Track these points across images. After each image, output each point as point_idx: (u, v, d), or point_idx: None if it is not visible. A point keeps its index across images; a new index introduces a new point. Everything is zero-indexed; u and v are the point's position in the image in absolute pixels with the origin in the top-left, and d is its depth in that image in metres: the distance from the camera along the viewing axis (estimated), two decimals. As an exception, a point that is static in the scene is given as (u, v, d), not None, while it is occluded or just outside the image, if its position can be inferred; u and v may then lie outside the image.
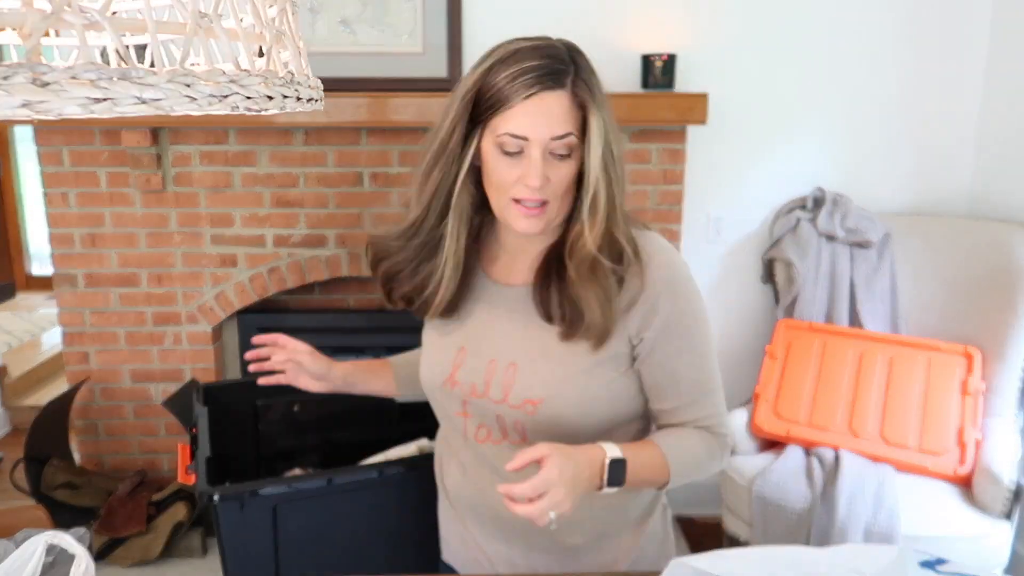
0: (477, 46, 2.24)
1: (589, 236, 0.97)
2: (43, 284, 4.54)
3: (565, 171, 0.96)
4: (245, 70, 0.43)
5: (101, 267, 2.31)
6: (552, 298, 1.01)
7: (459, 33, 2.22)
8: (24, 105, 0.34)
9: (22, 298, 4.41)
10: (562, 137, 0.93)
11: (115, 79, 0.36)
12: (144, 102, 0.37)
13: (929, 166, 2.36)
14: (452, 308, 1.07)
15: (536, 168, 0.93)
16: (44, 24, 0.34)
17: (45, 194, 2.27)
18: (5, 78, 0.33)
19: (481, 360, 1.06)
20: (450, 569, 1.20)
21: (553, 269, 1.02)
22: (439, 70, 2.23)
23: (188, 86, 0.39)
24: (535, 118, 0.92)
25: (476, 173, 1.01)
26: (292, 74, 0.46)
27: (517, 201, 0.96)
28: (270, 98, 0.43)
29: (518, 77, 0.92)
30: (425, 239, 1.05)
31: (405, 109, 2.11)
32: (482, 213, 1.07)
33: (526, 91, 0.92)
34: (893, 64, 2.30)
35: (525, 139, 0.93)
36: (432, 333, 1.13)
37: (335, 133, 2.24)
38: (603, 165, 0.95)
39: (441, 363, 1.09)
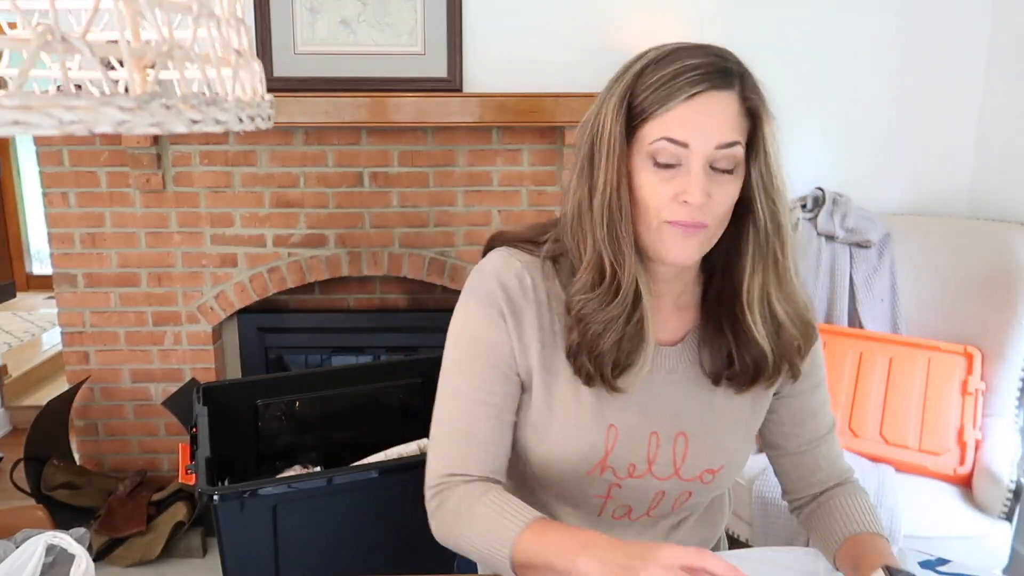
0: (477, 46, 2.24)
1: (766, 276, 0.86)
2: (43, 284, 4.54)
3: (729, 190, 0.82)
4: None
5: (101, 267, 2.31)
6: (721, 352, 0.90)
7: (459, 33, 2.22)
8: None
9: (22, 298, 4.41)
10: (729, 146, 0.80)
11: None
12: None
13: (929, 166, 2.36)
14: (619, 383, 0.88)
15: (699, 182, 0.79)
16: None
17: (45, 194, 2.27)
18: None
19: (639, 437, 0.91)
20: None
21: (722, 317, 0.89)
22: (439, 70, 2.23)
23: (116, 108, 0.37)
24: (700, 120, 0.79)
25: None
26: (214, 94, 0.44)
27: (670, 224, 0.81)
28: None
29: (682, 74, 0.79)
30: (614, 281, 0.85)
31: (405, 109, 2.11)
32: None
33: (691, 89, 0.78)
34: (893, 64, 2.30)
35: (685, 146, 0.79)
36: (561, 410, 0.90)
37: (335, 133, 2.24)
38: (781, 179, 0.84)
39: (587, 448, 0.90)
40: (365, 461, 1.69)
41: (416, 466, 1.49)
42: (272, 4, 2.18)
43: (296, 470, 1.81)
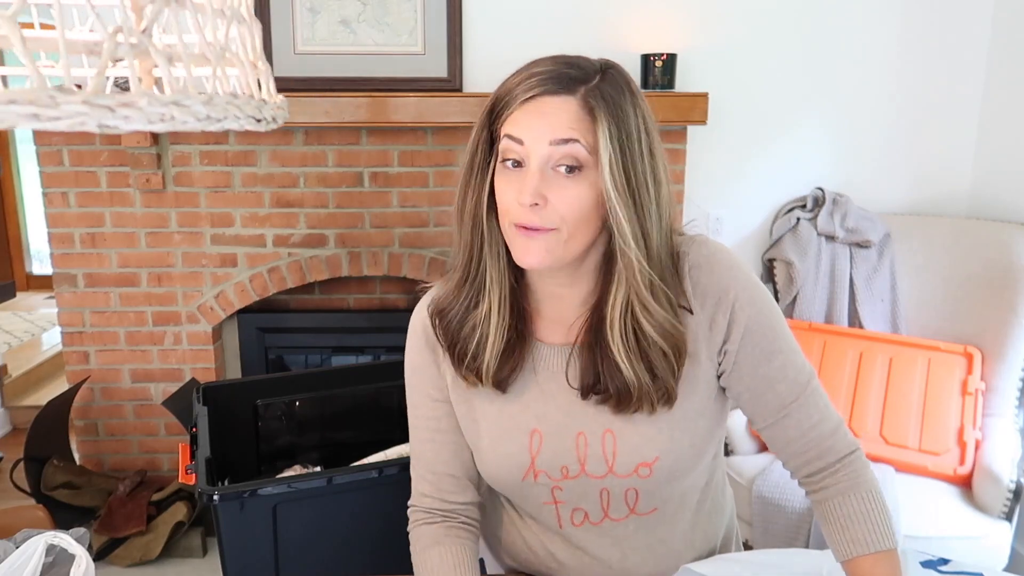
0: (477, 46, 2.24)
1: (628, 287, 0.83)
2: (43, 284, 4.54)
3: (571, 192, 0.80)
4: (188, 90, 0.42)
5: (101, 267, 2.31)
6: (590, 368, 0.88)
7: (459, 33, 2.22)
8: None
9: (22, 298, 4.41)
10: (564, 142, 0.79)
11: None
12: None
13: (929, 166, 2.36)
14: (502, 379, 0.91)
15: (530, 180, 0.80)
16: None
17: (45, 194, 2.27)
18: None
19: (565, 438, 0.91)
20: None
21: (594, 332, 0.88)
22: (439, 70, 2.23)
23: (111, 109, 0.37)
24: (534, 119, 0.80)
25: None
26: (236, 94, 0.45)
27: (520, 228, 0.82)
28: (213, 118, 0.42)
29: (523, 81, 0.82)
30: (475, 283, 0.89)
31: (405, 109, 2.11)
32: None
33: (527, 93, 0.81)
34: (893, 64, 2.30)
35: (521, 142, 0.81)
36: (484, 423, 0.94)
37: (335, 133, 2.24)
38: (624, 182, 0.80)
39: (512, 455, 0.92)
40: (365, 461, 1.69)
41: (416, 466, 1.50)
42: (272, 4, 2.18)
43: (296, 470, 1.81)
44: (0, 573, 0.76)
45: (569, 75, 0.81)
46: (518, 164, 0.82)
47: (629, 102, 0.82)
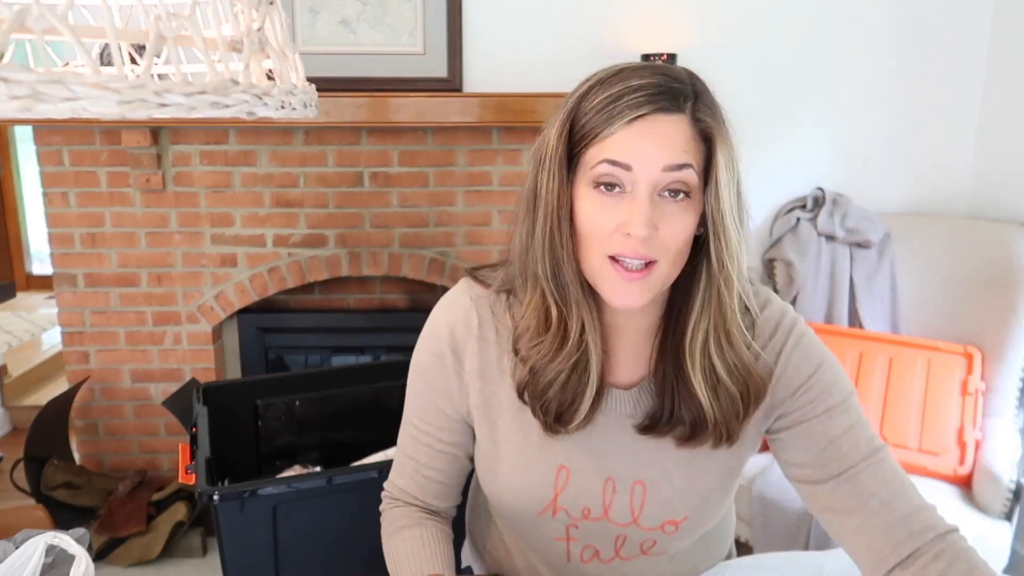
0: (477, 46, 2.24)
1: (710, 322, 0.78)
2: (43, 284, 4.54)
3: (681, 221, 0.73)
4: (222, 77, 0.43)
5: (101, 267, 2.31)
6: (663, 401, 0.82)
7: (459, 33, 2.22)
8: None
9: (22, 298, 4.41)
10: (679, 168, 0.72)
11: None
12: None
13: (929, 166, 2.36)
14: (569, 423, 0.84)
15: (642, 209, 0.71)
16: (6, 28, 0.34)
17: (45, 194, 2.27)
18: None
19: (593, 480, 0.85)
20: None
21: (667, 365, 0.81)
22: (439, 70, 2.23)
23: (157, 93, 0.38)
24: (644, 141, 0.71)
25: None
26: (273, 82, 0.46)
27: (615, 261, 0.74)
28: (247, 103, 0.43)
29: (625, 95, 0.72)
30: (560, 330, 0.80)
31: (405, 109, 2.11)
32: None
33: (634, 112, 0.71)
34: (893, 64, 2.30)
35: (628, 168, 0.72)
36: (507, 448, 0.87)
37: (335, 133, 2.24)
38: (733, 214, 0.74)
39: (535, 488, 0.86)
40: (365, 461, 1.69)
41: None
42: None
43: (296, 470, 1.81)
44: (0, 573, 0.76)
45: (674, 89, 0.74)
46: (612, 187, 0.73)
47: (724, 118, 0.77)
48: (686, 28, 2.25)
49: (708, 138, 0.74)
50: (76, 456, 2.44)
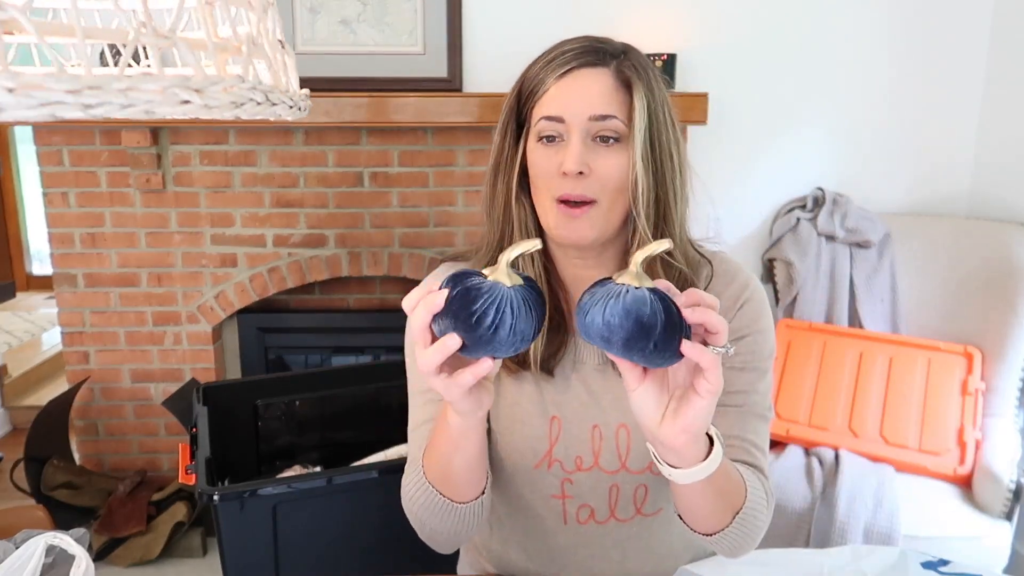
0: (477, 46, 2.24)
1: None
2: (43, 284, 4.54)
3: (614, 161, 0.82)
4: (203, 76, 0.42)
5: (101, 267, 2.31)
6: None
7: (459, 33, 2.22)
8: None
9: (22, 298, 4.41)
10: (603, 118, 0.81)
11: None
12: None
13: (929, 166, 2.36)
14: (551, 365, 0.90)
15: (574, 150, 0.80)
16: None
17: (45, 194, 2.27)
18: None
19: (582, 429, 0.90)
20: None
21: None
22: (439, 70, 2.23)
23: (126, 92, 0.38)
24: (570, 94, 0.82)
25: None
26: (260, 82, 0.46)
27: (562, 203, 0.83)
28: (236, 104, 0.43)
29: (554, 59, 0.84)
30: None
31: (405, 109, 2.11)
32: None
33: (562, 68, 0.82)
34: (893, 64, 2.30)
35: (561, 120, 0.82)
36: (503, 402, 0.92)
37: (335, 133, 2.24)
38: (650, 153, 0.82)
39: (531, 439, 0.91)
40: (365, 461, 1.69)
41: (416, 466, 1.49)
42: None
43: (296, 470, 1.81)
44: (0, 573, 0.76)
45: (600, 48, 0.83)
46: (551, 139, 0.83)
47: (654, 75, 0.85)
48: (686, 28, 2.25)
49: (629, 87, 0.82)
50: (76, 456, 2.44)
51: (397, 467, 1.45)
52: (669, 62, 2.16)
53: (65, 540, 0.79)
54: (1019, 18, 2.18)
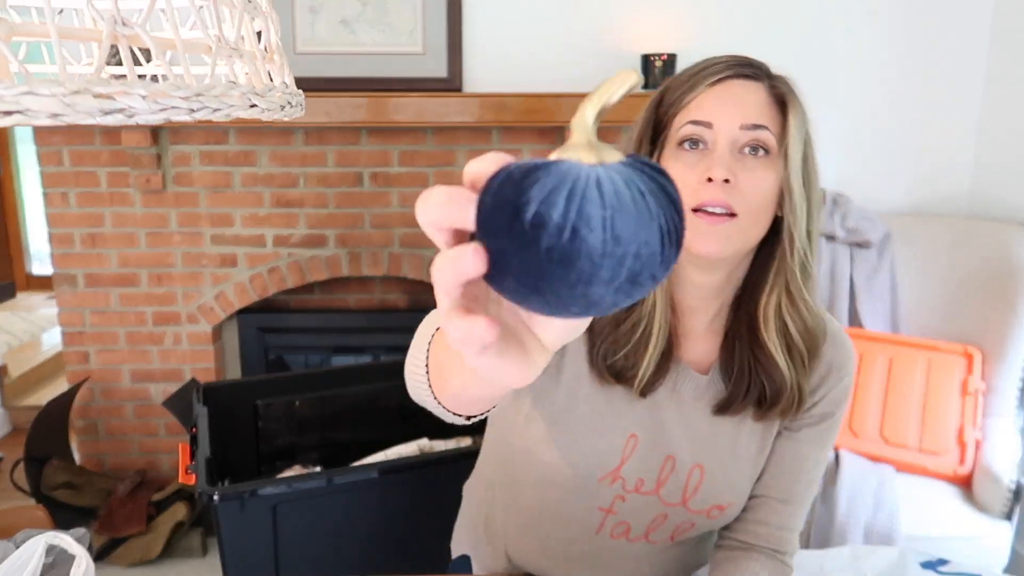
0: (477, 46, 2.24)
1: (781, 288, 0.80)
2: (43, 284, 4.54)
3: (761, 175, 0.77)
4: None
5: (101, 267, 2.31)
6: (742, 377, 0.84)
7: (459, 33, 2.22)
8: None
9: (22, 298, 4.41)
10: (755, 127, 0.78)
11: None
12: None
13: (929, 166, 2.36)
14: (647, 391, 0.86)
15: (723, 156, 0.76)
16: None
17: (45, 194, 2.27)
18: None
19: (655, 454, 0.87)
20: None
21: (740, 337, 0.85)
22: (439, 70, 2.23)
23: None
24: (723, 101, 0.78)
25: None
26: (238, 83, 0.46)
27: (699, 212, 0.77)
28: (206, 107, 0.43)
29: (706, 68, 0.80)
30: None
31: (405, 109, 2.11)
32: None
33: (715, 76, 0.79)
34: (893, 64, 2.30)
35: (709, 125, 0.78)
36: (584, 407, 0.87)
37: (335, 133, 2.24)
38: (804, 177, 0.79)
39: (603, 452, 0.87)
40: (365, 461, 1.69)
41: (416, 466, 1.50)
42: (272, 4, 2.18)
43: (296, 470, 1.81)
44: (0, 573, 0.76)
45: (753, 63, 0.82)
46: (695, 144, 0.79)
47: (799, 93, 0.83)
48: (686, 28, 2.25)
49: (783, 104, 0.80)
50: (76, 456, 2.44)
51: (397, 467, 1.46)
52: (669, 62, 2.16)
53: (65, 540, 0.79)
54: (1019, 18, 2.18)
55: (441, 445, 1.79)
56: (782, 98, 0.80)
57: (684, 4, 2.24)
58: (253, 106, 0.43)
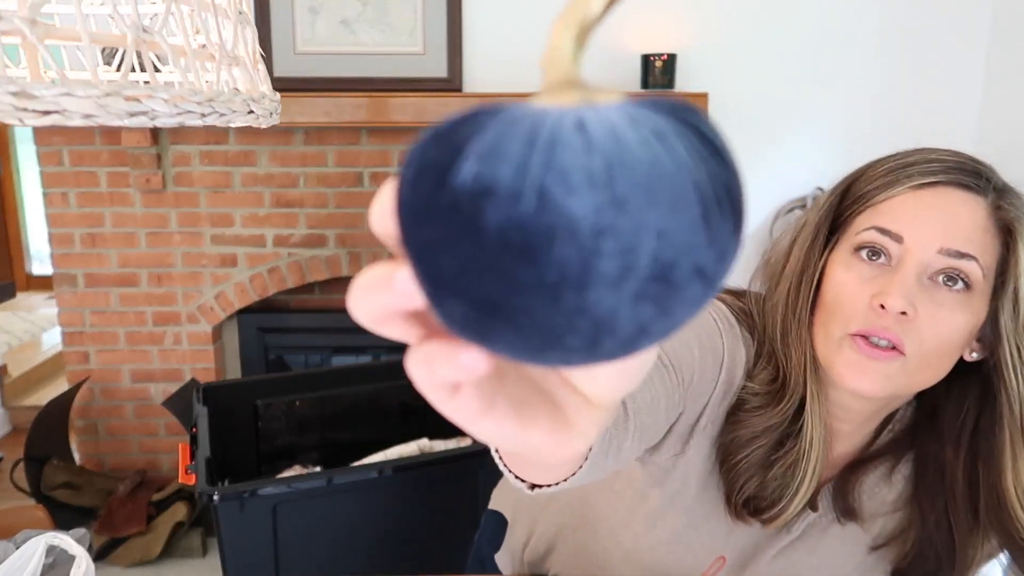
0: (477, 46, 2.24)
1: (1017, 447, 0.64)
2: (43, 284, 4.54)
3: (948, 313, 0.61)
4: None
5: (101, 267, 2.31)
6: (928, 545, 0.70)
7: (459, 33, 2.22)
8: None
9: (22, 298, 4.41)
10: (959, 256, 0.61)
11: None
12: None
13: (929, 166, 2.36)
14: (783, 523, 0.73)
15: (905, 282, 0.61)
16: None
17: (45, 194, 2.27)
18: None
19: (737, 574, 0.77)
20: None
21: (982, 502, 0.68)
22: (439, 70, 2.23)
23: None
24: (925, 213, 0.62)
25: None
26: (237, 90, 0.47)
27: (858, 338, 0.63)
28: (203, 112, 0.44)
29: (914, 164, 0.65)
30: (787, 410, 0.68)
31: (405, 109, 2.11)
32: None
33: (924, 178, 0.63)
34: (893, 63, 2.30)
35: (899, 239, 0.62)
36: (679, 504, 0.74)
37: (335, 133, 2.24)
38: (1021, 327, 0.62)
39: (687, 567, 0.76)
40: (365, 461, 1.69)
41: (416, 466, 1.50)
42: (272, 4, 2.18)
43: (296, 470, 1.81)
44: (0, 574, 0.76)
45: (978, 169, 0.67)
46: (876, 255, 0.64)
47: None
48: (686, 28, 2.25)
49: (1009, 233, 0.63)
50: (76, 456, 2.44)
51: (397, 467, 1.46)
52: (669, 62, 2.16)
53: (65, 540, 0.79)
54: (1019, 18, 2.18)
55: (441, 445, 1.79)
56: (1008, 224, 0.63)
57: (684, 4, 2.24)
58: (251, 112, 0.45)
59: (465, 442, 1.83)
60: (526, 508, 0.94)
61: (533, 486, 0.50)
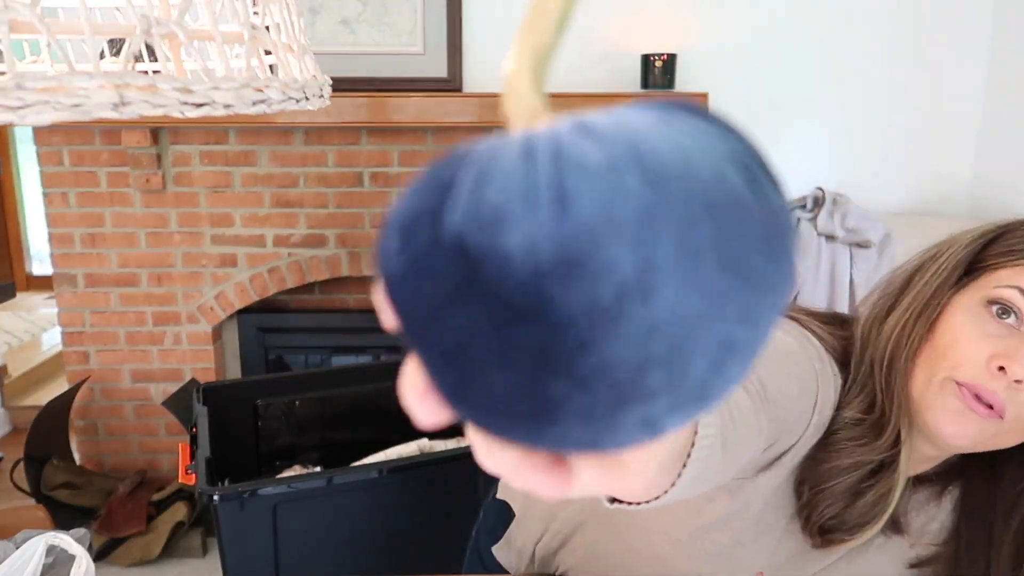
0: (477, 46, 2.24)
1: None
2: (43, 284, 4.54)
3: None
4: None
5: (101, 267, 2.31)
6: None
7: (459, 33, 2.22)
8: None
9: (22, 298, 4.41)
10: None
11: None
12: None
13: (929, 165, 2.36)
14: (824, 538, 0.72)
15: None
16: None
17: (45, 194, 2.27)
18: None
19: None
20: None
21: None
22: (439, 70, 2.23)
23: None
24: None
25: None
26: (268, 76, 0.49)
27: (964, 388, 0.62)
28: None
29: None
30: (888, 442, 0.67)
31: (405, 109, 2.11)
32: None
33: None
34: (893, 63, 2.30)
35: None
36: (729, 533, 0.73)
37: (335, 133, 2.24)
38: None
39: (721, 563, 0.75)
40: (365, 461, 1.69)
41: (416, 466, 1.50)
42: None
43: (296, 470, 1.81)
44: (0, 574, 0.76)
45: None
46: (1007, 314, 0.63)
47: None
48: (686, 28, 2.25)
49: None
50: (76, 456, 2.44)
51: (397, 467, 1.46)
52: (669, 62, 2.16)
53: (65, 540, 0.79)
54: (1020, 18, 2.18)
55: (441, 445, 1.79)
56: None
57: (684, 4, 2.24)
58: (320, 96, 0.53)
59: (465, 442, 1.83)
60: (542, 502, 0.92)
61: (612, 500, 0.48)
